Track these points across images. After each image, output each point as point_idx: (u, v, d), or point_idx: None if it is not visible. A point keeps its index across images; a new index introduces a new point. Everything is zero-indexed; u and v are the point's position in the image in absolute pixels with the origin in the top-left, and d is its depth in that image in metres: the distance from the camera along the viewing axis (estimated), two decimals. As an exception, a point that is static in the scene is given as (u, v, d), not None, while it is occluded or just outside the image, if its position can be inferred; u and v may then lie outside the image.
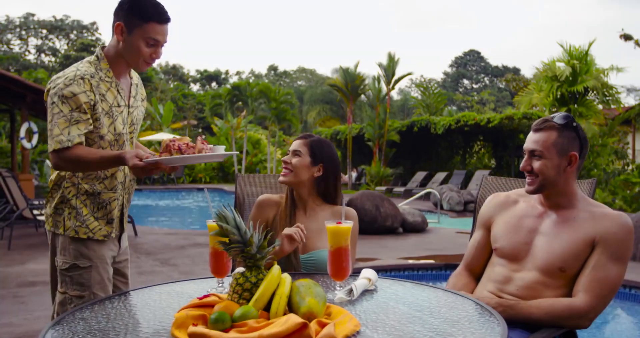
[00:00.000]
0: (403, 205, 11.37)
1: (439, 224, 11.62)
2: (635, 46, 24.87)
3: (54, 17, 58.54)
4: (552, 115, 2.15)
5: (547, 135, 2.12)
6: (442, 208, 14.44)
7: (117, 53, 2.34)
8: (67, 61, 48.79)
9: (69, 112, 2.20)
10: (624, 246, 2.07)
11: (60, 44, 59.17)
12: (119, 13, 2.29)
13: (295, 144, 2.50)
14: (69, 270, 2.29)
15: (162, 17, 2.29)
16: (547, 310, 2.03)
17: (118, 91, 2.37)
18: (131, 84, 2.50)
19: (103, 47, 2.39)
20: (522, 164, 2.18)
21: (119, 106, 2.38)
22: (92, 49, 52.59)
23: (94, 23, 58.61)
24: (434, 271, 6.56)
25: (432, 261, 6.85)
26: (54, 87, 2.23)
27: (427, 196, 16.31)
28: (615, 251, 2.06)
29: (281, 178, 2.45)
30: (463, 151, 23.15)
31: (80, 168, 2.26)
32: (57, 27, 57.98)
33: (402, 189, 19.25)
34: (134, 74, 2.57)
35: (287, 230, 2.26)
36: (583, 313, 2.02)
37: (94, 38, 57.56)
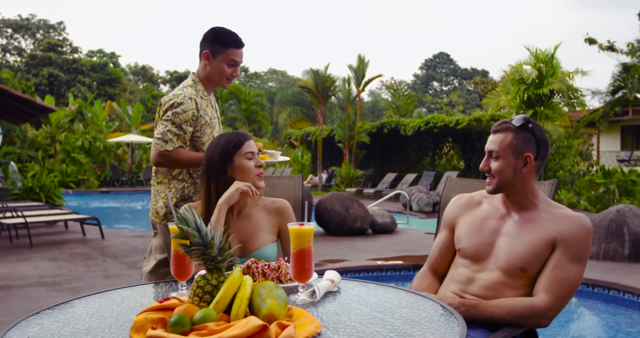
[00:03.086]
0: (372, 206, 11.42)
1: (408, 225, 11.71)
2: (599, 49, 25.35)
3: (19, 16, 57.43)
4: (511, 118, 2.19)
5: (504, 136, 2.16)
6: (411, 209, 14.54)
7: (206, 76, 2.94)
8: (33, 60, 47.90)
9: (181, 124, 2.80)
10: (584, 247, 2.11)
11: (26, 44, 58.07)
12: (204, 43, 2.90)
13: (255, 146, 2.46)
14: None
15: (239, 44, 2.89)
16: (508, 310, 2.05)
17: (212, 105, 3.02)
18: (214, 100, 3.12)
19: (194, 74, 2.98)
20: (481, 164, 2.22)
21: (214, 117, 2.99)
22: (59, 49, 51.74)
23: (61, 23, 57.61)
24: (403, 272, 6.60)
25: (400, 262, 6.89)
26: (167, 104, 2.84)
27: (396, 198, 16.40)
28: (575, 252, 2.09)
29: (263, 183, 2.42)
30: (432, 152, 23.31)
31: (182, 164, 2.84)
32: (22, 27, 56.87)
33: (372, 190, 19.33)
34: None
35: (243, 186, 2.28)
36: (543, 312, 2.05)
37: (61, 38, 56.57)
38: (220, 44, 2.85)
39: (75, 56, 53.47)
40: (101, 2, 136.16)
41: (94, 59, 56.40)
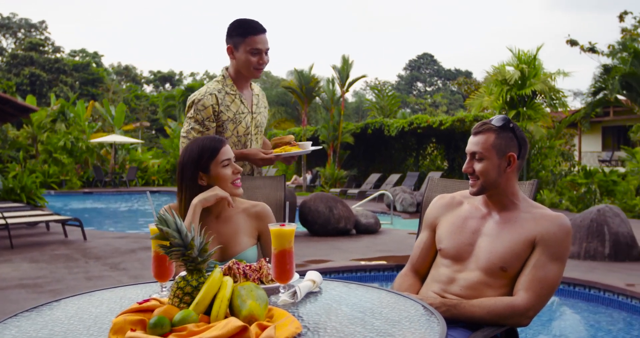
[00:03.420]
0: (356, 207, 11.44)
1: (391, 225, 11.73)
2: (581, 51, 25.57)
3: (0, 15, 56.77)
4: (491, 118, 2.21)
5: (486, 137, 2.17)
6: (395, 209, 14.58)
7: (235, 70, 2.98)
8: (14, 60, 47.40)
9: (202, 121, 2.89)
10: (563, 247, 2.13)
11: (7, 43, 57.41)
12: (227, 39, 2.93)
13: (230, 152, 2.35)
14: None
15: (257, 30, 2.88)
16: (488, 309, 2.07)
17: (241, 100, 3.01)
18: (252, 95, 3.11)
19: (227, 69, 3.03)
20: (464, 166, 2.22)
21: (242, 113, 3.00)
22: (41, 48, 51.25)
23: (43, 22, 56.99)
24: (386, 272, 6.62)
25: (384, 262, 6.91)
26: (190, 101, 2.93)
27: (380, 198, 16.44)
28: (555, 252, 2.11)
29: (240, 190, 2.37)
30: (416, 153, 23.41)
31: None
32: (3, 26, 56.21)
33: (356, 191, 19.36)
34: (255, 86, 3.17)
35: (222, 193, 2.25)
36: (523, 312, 2.06)
37: (42, 37, 55.99)
38: (239, 34, 2.87)
39: (58, 55, 52.97)
40: (84, 1, 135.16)
41: (77, 58, 55.93)
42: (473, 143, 2.20)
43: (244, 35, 2.85)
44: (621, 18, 28.14)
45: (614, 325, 5.15)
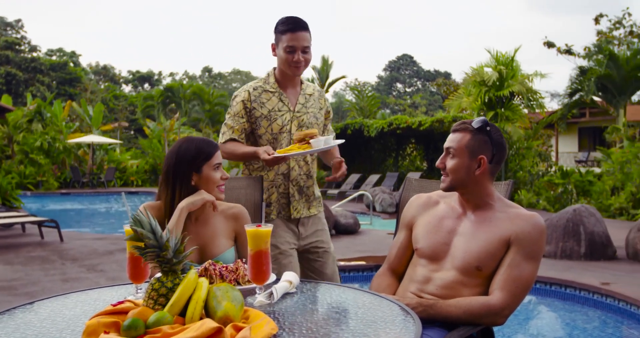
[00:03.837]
0: (336, 207, 11.44)
1: (371, 225, 11.75)
2: (557, 53, 25.87)
3: (-25, 13, 55.87)
4: (472, 119, 2.23)
5: (462, 136, 2.20)
6: (374, 209, 14.62)
7: (278, 67, 3.01)
8: (-11, 59, 46.72)
9: (233, 116, 2.96)
10: (537, 246, 2.15)
11: (-18, 42, 56.56)
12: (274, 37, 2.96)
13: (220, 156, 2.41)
14: None
15: (294, 27, 2.87)
16: (464, 309, 2.08)
17: (281, 98, 2.99)
18: (302, 94, 3.06)
19: (275, 68, 3.06)
20: (437, 161, 2.26)
21: (279, 110, 2.96)
22: (17, 47, 50.58)
23: (19, 20, 56.28)
24: (365, 272, 6.63)
25: (363, 262, 6.92)
26: (233, 95, 3.04)
27: (360, 198, 16.48)
28: (529, 251, 2.13)
29: (223, 196, 2.39)
30: (396, 153, 23.48)
31: (231, 157, 2.94)
32: (-22, 24, 55.38)
33: (336, 191, 19.38)
34: (309, 86, 3.15)
35: (208, 197, 2.28)
36: (498, 311, 2.08)
37: (19, 36, 55.26)
38: (279, 32, 2.91)
39: (34, 54, 52.31)
40: (61, 0, 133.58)
41: (54, 58, 55.29)
42: (449, 140, 2.24)
43: (282, 32, 2.88)
44: (597, 21, 28.58)
45: (589, 323, 5.22)
